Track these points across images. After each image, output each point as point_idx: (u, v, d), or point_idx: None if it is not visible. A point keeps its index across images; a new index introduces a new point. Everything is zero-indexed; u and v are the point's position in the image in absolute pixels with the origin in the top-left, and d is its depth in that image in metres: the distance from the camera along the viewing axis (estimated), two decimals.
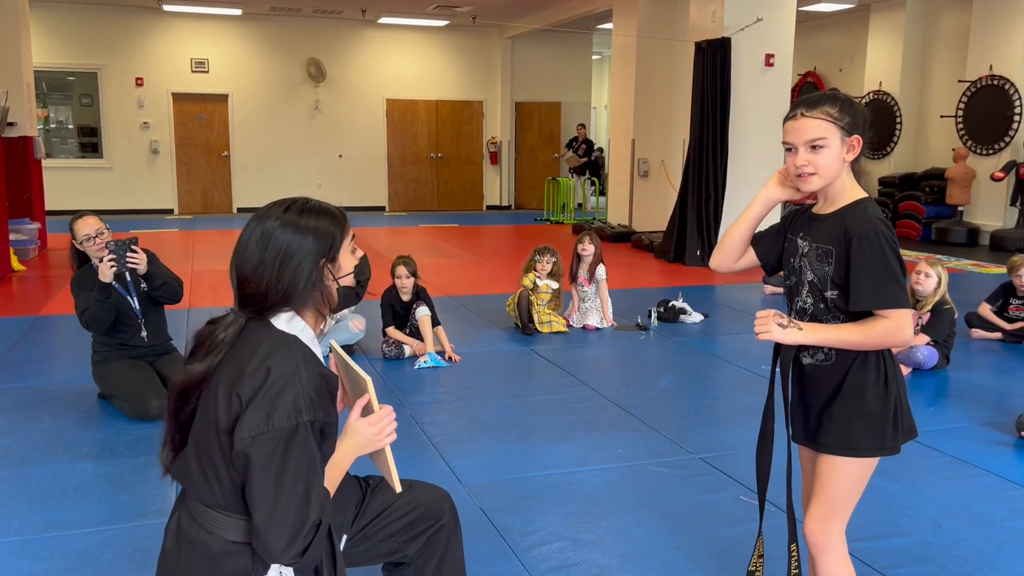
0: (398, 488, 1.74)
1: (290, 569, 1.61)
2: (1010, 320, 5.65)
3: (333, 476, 1.68)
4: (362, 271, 1.70)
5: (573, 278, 6.07)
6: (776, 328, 1.83)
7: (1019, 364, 5.21)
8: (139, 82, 14.09)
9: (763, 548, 2.08)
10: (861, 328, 1.83)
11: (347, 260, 1.67)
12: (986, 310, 5.72)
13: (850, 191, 1.91)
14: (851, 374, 1.87)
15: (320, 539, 1.54)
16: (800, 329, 1.84)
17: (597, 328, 5.94)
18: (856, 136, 1.87)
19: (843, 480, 1.90)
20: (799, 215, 2.02)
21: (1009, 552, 2.76)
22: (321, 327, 1.67)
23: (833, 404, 1.90)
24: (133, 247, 3.91)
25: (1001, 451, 3.67)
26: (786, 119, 1.93)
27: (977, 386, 4.72)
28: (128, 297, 4.03)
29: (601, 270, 6.04)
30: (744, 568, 2.63)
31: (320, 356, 1.64)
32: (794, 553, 1.99)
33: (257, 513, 1.48)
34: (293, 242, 1.58)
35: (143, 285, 4.07)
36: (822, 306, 1.91)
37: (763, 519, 2.07)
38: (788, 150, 1.92)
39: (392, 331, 5.15)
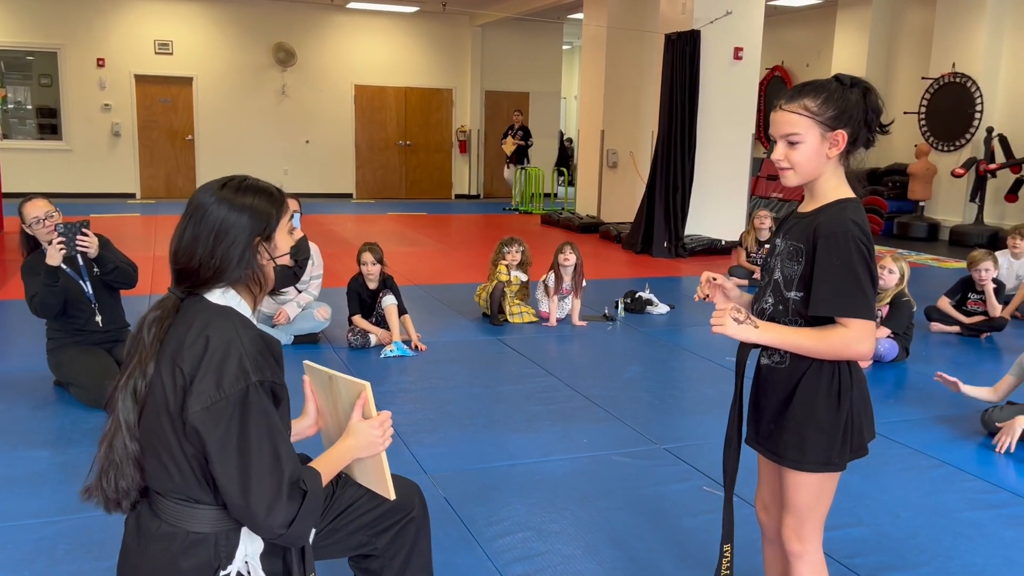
0: (392, 496, 1.74)
1: (257, 560, 1.59)
2: (968, 314, 5.75)
3: (328, 471, 1.67)
4: (300, 251, 1.68)
5: (558, 287, 5.83)
6: (731, 322, 1.74)
7: (976, 357, 5.31)
8: (100, 63, 13.79)
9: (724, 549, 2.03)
10: (818, 335, 1.73)
11: (283, 240, 1.66)
12: (945, 304, 5.82)
13: (834, 190, 1.79)
14: (804, 381, 1.79)
15: (310, 510, 1.52)
16: (756, 327, 1.75)
17: (565, 317, 5.93)
18: (840, 131, 1.73)
19: (804, 494, 1.85)
20: (789, 215, 1.93)
21: (965, 542, 2.81)
22: (258, 305, 1.67)
23: (784, 411, 1.82)
24: (84, 230, 3.83)
25: (958, 443, 3.74)
26: (772, 109, 1.83)
27: (934, 379, 4.79)
28: (80, 282, 3.95)
29: (582, 280, 5.94)
30: (705, 558, 2.65)
31: (259, 327, 1.63)
32: (727, 553, 1.96)
33: (230, 486, 1.47)
34: (228, 219, 1.57)
35: (96, 270, 3.99)
36: (780, 307, 1.83)
37: (724, 520, 2.00)
38: (772, 142, 1.83)
39: (358, 320, 5.11)
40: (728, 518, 1.95)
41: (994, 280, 5.64)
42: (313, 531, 1.78)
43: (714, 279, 1.97)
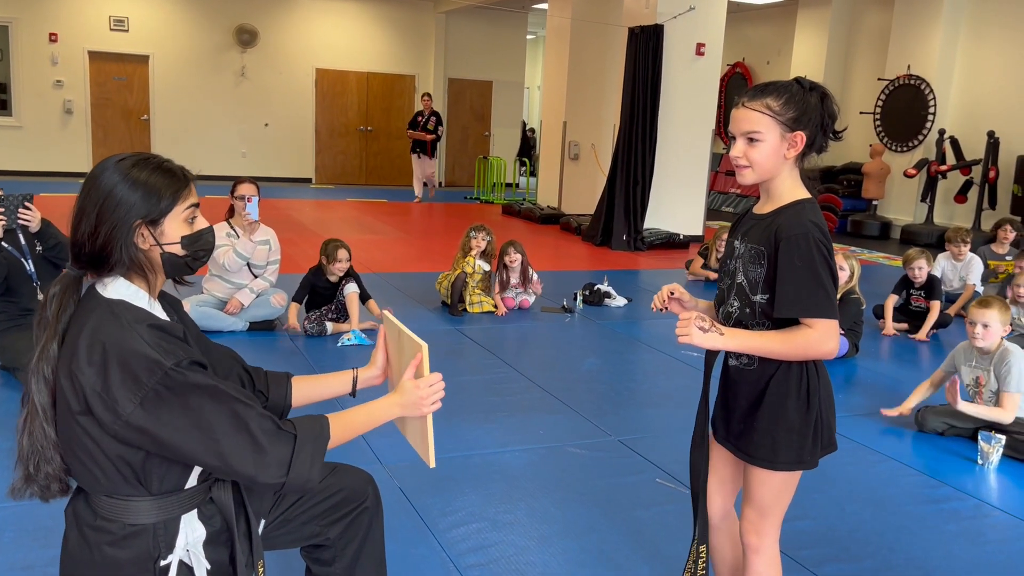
0: (432, 463, 1.71)
1: (199, 548, 1.57)
2: (912, 311, 5.89)
3: (363, 422, 1.67)
4: (198, 242, 1.58)
5: (504, 287, 5.93)
6: (696, 331, 1.75)
7: (922, 354, 5.45)
8: (53, 38, 13.42)
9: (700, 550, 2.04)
10: (783, 337, 1.75)
11: (174, 226, 1.55)
12: (891, 303, 5.95)
13: (791, 191, 1.81)
14: (773, 383, 1.82)
15: (307, 452, 1.51)
16: (721, 334, 1.76)
17: (527, 306, 5.97)
18: (799, 133, 1.76)
19: (768, 490, 1.89)
20: (743, 216, 1.94)
21: (907, 536, 2.90)
22: (158, 288, 1.60)
23: (755, 412, 1.85)
24: (26, 203, 3.74)
25: (902, 438, 3.84)
26: (734, 106, 1.83)
27: (882, 375, 4.92)
28: (22, 258, 3.87)
29: (534, 275, 6.04)
30: (657, 549, 2.69)
31: (157, 313, 1.57)
32: (703, 554, 1.98)
33: (208, 461, 1.46)
34: (115, 194, 1.50)
35: (38, 247, 3.91)
36: (748, 311, 1.84)
37: (697, 521, 2.01)
38: (732, 139, 1.83)
39: (294, 308, 5.05)
40: (703, 519, 1.97)
41: (930, 275, 5.80)
42: (263, 521, 1.77)
43: (672, 294, 1.98)
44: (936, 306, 5.72)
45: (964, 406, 3.65)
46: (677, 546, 2.68)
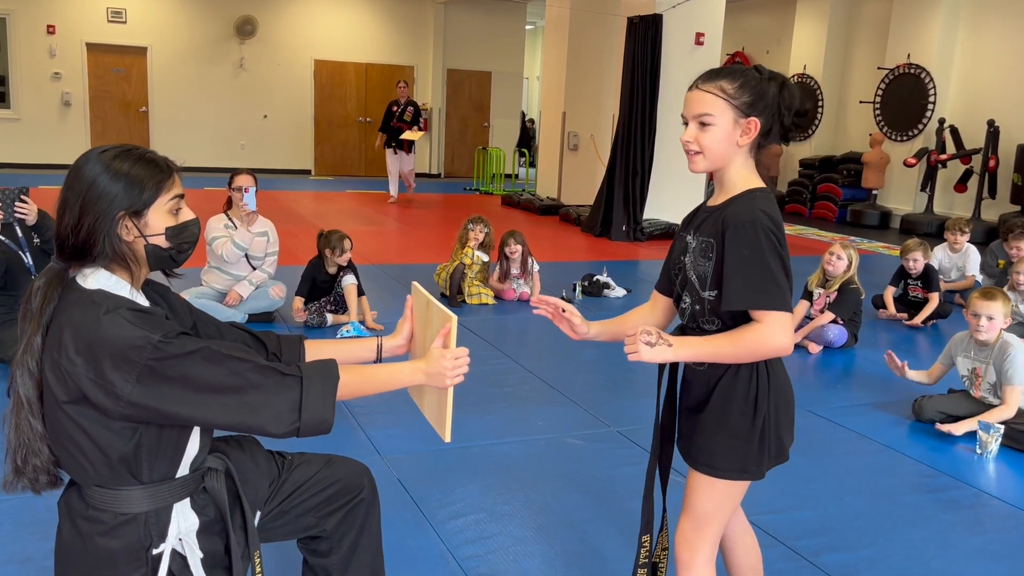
0: (447, 437, 1.71)
1: (192, 538, 1.57)
2: (910, 302, 5.89)
3: (384, 379, 1.67)
4: (182, 233, 1.57)
5: (504, 277, 5.96)
6: (644, 348, 1.65)
7: (921, 344, 5.45)
8: (51, 30, 13.38)
9: (667, 540, 2.04)
10: (731, 338, 1.65)
11: (158, 218, 1.53)
12: (889, 294, 5.94)
13: (745, 180, 1.71)
14: (719, 387, 1.73)
15: (316, 393, 1.51)
16: (670, 346, 1.66)
17: (526, 298, 5.98)
18: (753, 119, 1.67)
19: (708, 498, 1.77)
20: (696, 210, 1.85)
21: (905, 525, 2.90)
22: (140, 280, 1.59)
23: (700, 415, 1.77)
24: (22, 197, 3.75)
25: (900, 428, 3.84)
26: (688, 88, 1.75)
27: (882, 364, 4.90)
28: (20, 252, 3.87)
29: (534, 265, 6.05)
30: None
31: (139, 301, 1.56)
32: (645, 544, 1.94)
33: (224, 420, 1.47)
34: (97, 185, 1.48)
35: (36, 239, 3.91)
36: (698, 307, 1.76)
37: (666, 510, 2.04)
38: (684, 124, 1.74)
39: (297, 302, 5.05)
40: (647, 510, 1.92)
41: (927, 266, 5.79)
42: (258, 513, 1.77)
43: (563, 310, 1.95)
44: (935, 297, 5.72)
45: (911, 374, 3.99)
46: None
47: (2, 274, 3.80)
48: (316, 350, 1.85)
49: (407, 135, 11.46)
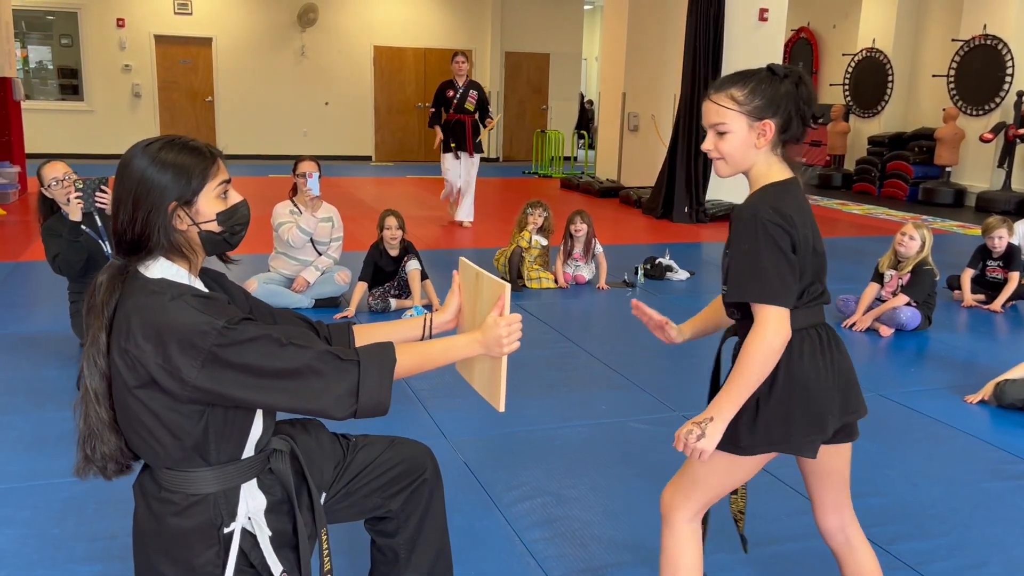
0: (502, 407, 1.75)
1: (261, 517, 1.61)
2: (988, 282, 5.67)
3: (440, 354, 1.70)
4: (234, 216, 1.60)
5: (568, 256, 5.96)
6: (700, 444, 1.67)
7: (999, 327, 5.26)
8: (120, 23, 13.77)
9: (742, 501, 2.06)
10: (741, 367, 1.67)
11: (208, 204, 1.58)
12: (967, 277, 5.71)
13: (765, 176, 1.75)
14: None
15: (374, 376, 1.55)
16: (712, 419, 1.68)
17: (588, 281, 5.96)
18: (767, 121, 1.70)
19: (702, 465, 1.78)
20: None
21: (983, 512, 2.81)
22: (198, 266, 1.63)
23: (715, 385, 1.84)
24: (102, 187, 3.87)
25: (978, 413, 3.72)
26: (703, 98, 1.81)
27: (957, 348, 4.76)
28: (99, 240, 4.00)
29: (597, 246, 6.02)
30: (721, 525, 2.67)
31: (201, 288, 1.61)
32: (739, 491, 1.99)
33: (284, 404, 1.51)
34: (146, 178, 1.53)
35: None
36: (725, 298, 1.81)
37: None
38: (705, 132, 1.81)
39: (359, 287, 5.06)
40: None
41: (1009, 245, 5.56)
42: (323, 495, 1.81)
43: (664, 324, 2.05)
44: (1015, 277, 5.50)
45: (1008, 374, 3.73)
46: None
47: (84, 262, 3.93)
48: (365, 334, 1.87)
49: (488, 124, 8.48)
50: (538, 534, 2.60)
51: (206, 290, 1.62)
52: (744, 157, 1.74)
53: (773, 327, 1.65)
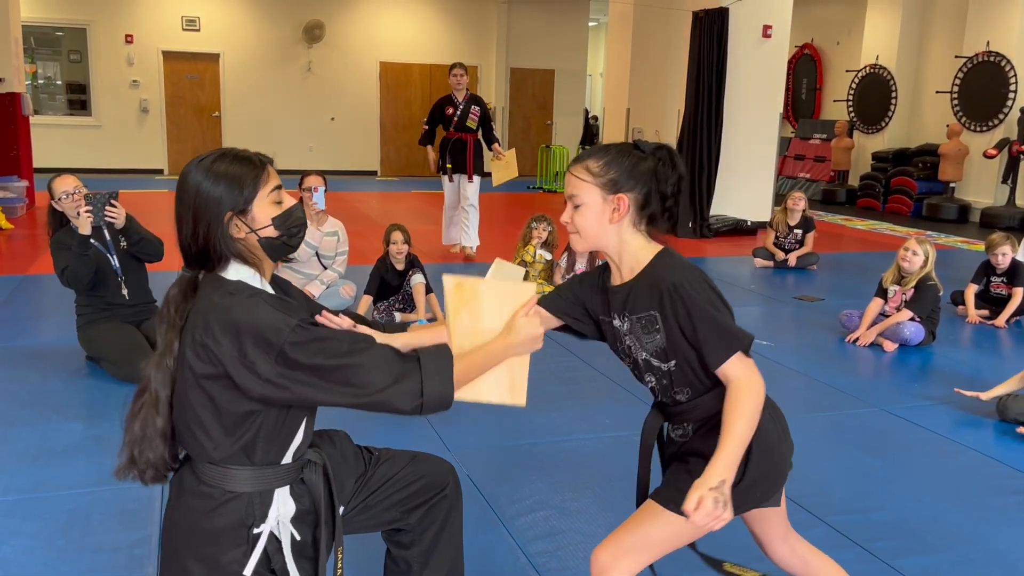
0: (523, 403, 1.79)
1: (288, 523, 1.64)
2: (991, 298, 5.67)
3: (481, 361, 1.69)
4: (289, 219, 1.66)
5: (570, 270, 5.89)
6: (720, 512, 1.54)
7: (1003, 342, 5.26)
8: (129, 39, 13.89)
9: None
10: (732, 418, 1.58)
11: (263, 211, 1.62)
12: (971, 292, 5.71)
13: (643, 251, 1.71)
14: (699, 438, 1.73)
15: (436, 373, 1.57)
16: (723, 480, 1.55)
17: None
18: (621, 195, 1.66)
19: (652, 526, 1.72)
20: (599, 294, 1.81)
21: (988, 528, 2.81)
22: (269, 272, 1.69)
23: (674, 464, 1.80)
24: (112, 201, 3.91)
25: (982, 428, 3.71)
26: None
27: (961, 363, 4.76)
28: (108, 254, 4.03)
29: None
30: (723, 540, 2.67)
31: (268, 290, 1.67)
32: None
33: (351, 401, 1.55)
34: (202, 192, 1.58)
35: (122, 242, 4.07)
36: (665, 382, 1.74)
37: None
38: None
39: (365, 300, 5.09)
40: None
41: (1013, 261, 5.56)
42: (342, 507, 1.82)
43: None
44: (1019, 293, 5.50)
45: (997, 389, 3.78)
46: (744, 536, 2.65)
47: (92, 275, 3.96)
48: (390, 341, 1.89)
49: (499, 173, 7.53)
50: (541, 547, 2.61)
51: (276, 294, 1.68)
52: (599, 232, 1.70)
53: (754, 370, 1.64)
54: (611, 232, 1.71)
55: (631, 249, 1.72)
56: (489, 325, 1.73)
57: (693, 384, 1.71)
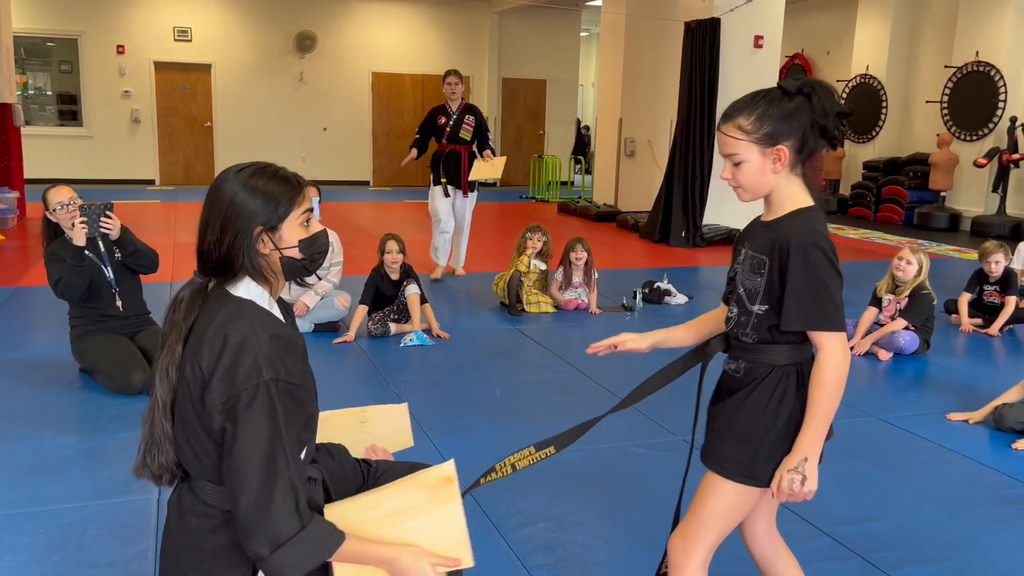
0: (472, 562, 1.74)
1: None
2: (984, 306, 5.69)
3: (359, 551, 1.57)
4: (314, 244, 1.66)
5: (567, 283, 5.95)
6: (805, 488, 1.67)
7: (997, 351, 5.28)
8: (120, 50, 13.87)
9: None
10: (816, 394, 1.66)
11: (292, 231, 1.62)
12: (964, 301, 5.74)
13: (792, 199, 1.73)
14: (754, 394, 1.74)
15: (302, 548, 1.47)
16: (806, 459, 1.67)
17: (584, 307, 5.96)
18: (780, 147, 1.67)
19: (715, 499, 1.77)
20: (752, 224, 1.86)
21: (986, 536, 2.81)
22: (279, 291, 1.68)
23: (716, 417, 1.82)
24: (107, 212, 3.89)
25: (979, 436, 3.72)
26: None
27: (956, 372, 4.77)
28: (102, 265, 4.01)
29: (595, 275, 6.02)
30: (724, 548, 2.66)
31: (279, 317, 1.65)
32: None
33: (228, 484, 1.50)
34: (236, 202, 1.57)
35: (117, 254, 4.05)
36: (743, 319, 1.78)
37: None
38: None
39: (360, 310, 5.07)
40: (678, 514, 1.98)
41: (1006, 269, 5.58)
42: None
43: (615, 347, 2.12)
44: (1012, 301, 5.53)
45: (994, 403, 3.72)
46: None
47: (86, 287, 3.93)
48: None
49: (481, 171, 7.02)
50: (541, 559, 2.59)
51: (282, 318, 1.66)
52: (763, 183, 1.73)
53: (842, 352, 1.67)
54: (774, 181, 1.73)
55: (786, 194, 1.74)
56: (415, 532, 1.69)
57: (763, 334, 1.74)
